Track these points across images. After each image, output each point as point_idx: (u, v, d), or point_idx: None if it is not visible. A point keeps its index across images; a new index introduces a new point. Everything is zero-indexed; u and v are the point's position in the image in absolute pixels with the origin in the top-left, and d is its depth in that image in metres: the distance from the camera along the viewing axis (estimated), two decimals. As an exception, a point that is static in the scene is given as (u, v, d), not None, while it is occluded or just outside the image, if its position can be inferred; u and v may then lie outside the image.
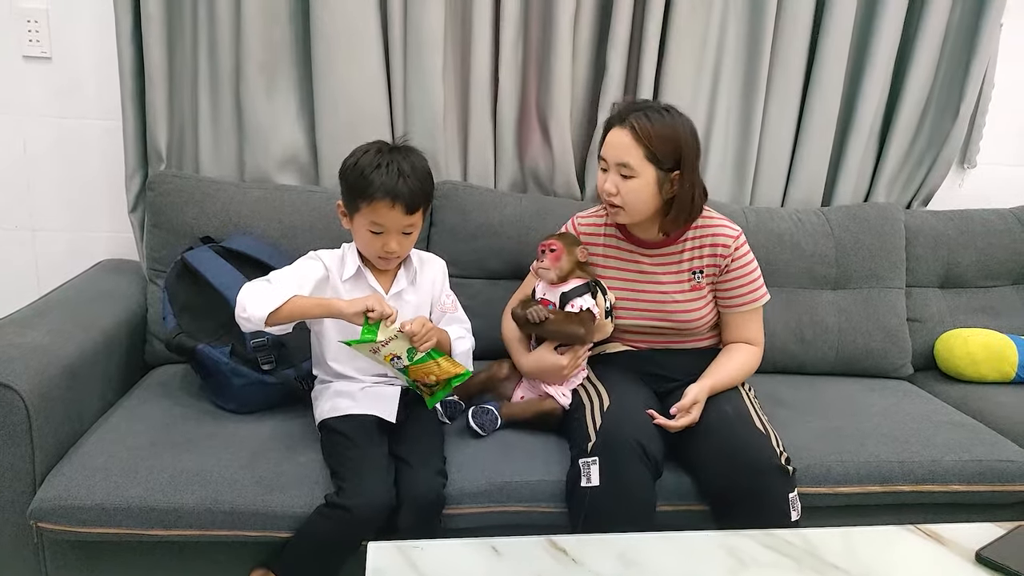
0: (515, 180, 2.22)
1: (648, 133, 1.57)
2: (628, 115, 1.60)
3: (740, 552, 1.14)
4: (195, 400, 1.73)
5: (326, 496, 1.43)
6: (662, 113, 1.61)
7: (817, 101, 2.22)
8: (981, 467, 1.73)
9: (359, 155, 1.54)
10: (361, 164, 1.52)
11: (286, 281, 1.50)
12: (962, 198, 2.50)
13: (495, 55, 2.09)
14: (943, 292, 2.30)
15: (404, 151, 1.57)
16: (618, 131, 1.61)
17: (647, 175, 1.60)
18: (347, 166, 1.56)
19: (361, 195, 1.51)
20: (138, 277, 2.03)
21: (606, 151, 1.64)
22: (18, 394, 1.40)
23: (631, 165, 1.59)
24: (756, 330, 1.76)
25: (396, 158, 1.53)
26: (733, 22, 2.18)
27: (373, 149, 1.55)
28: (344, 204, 1.58)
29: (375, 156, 1.52)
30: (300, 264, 1.58)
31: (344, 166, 1.57)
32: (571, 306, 1.65)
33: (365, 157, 1.53)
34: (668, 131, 1.59)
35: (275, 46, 2.01)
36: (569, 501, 1.52)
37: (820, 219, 2.19)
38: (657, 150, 1.58)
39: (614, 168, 1.62)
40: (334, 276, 1.58)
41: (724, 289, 1.71)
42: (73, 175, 2.13)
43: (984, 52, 2.25)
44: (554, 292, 1.69)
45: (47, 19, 2.01)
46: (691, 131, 1.63)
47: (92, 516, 1.40)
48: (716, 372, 1.69)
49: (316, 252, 1.61)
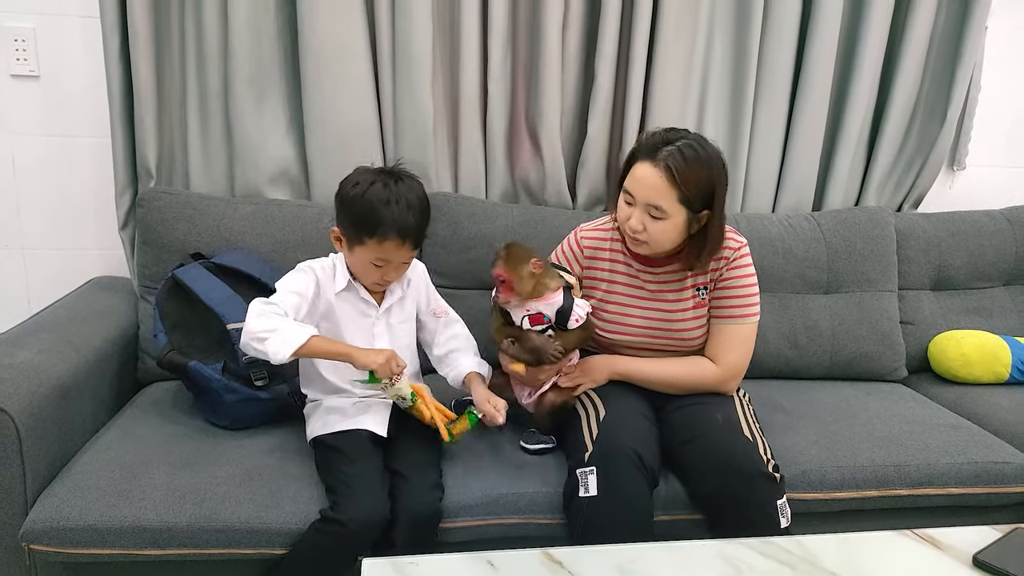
0: (506, 190, 2.22)
1: (685, 177, 1.49)
2: (660, 150, 1.51)
3: (737, 560, 1.14)
4: (188, 417, 1.72)
5: (321, 511, 1.42)
6: (696, 150, 1.51)
7: (805, 107, 2.23)
8: (977, 469, 1.73)
9: (364, 185, 1.48)
10: (370, 197, 1.46)
11: (291, 303, 1.47)
12: (952, 200, 2.51)
13: (484, 67, 2.09)
14: (935, 294, 2.30)
15: (407, 181, 1.52)
16: (649, 168, 1.51)
17: (678, 217, 1.54)
18: (351, 195, 1.49)
19: (370, 232, 1.47)
20: (129, 294, 2.02)
21: (634, 188, 1.55)
22: (8, 415, 1.39)
23: (663, 208, 1.52)
24: (727, 351, 1.66)
25: (403, 191, 1.48)
26: (720, 31, 2.19)
27: (379, 181, 1.48)
28: (343, 232, 1.53)
29: (383, 189, 1.47)
30: (295, 280, 1.53)
31: (347, 194, 1.50)
32: (575, 320, 1.62)
33: (373, 190, 1.47)
34: (704, 173, 1.51)
35: (263, 61, 2.01)
36: (567, 512, 1.52)
37: (811, 224, 2.20)
38: (692, 194, 1.51)
39: (642, 207, 1.54)
40: (325, 289, 1.57)
41: (715, 298, 1.68)
42: (63, 193, 2.13)
43: (970, 56, 2.26)
44: (537, 305, 1.61)
45: (34, 37, 2.01)
46: (723, 167, 1.55)
47: (85, 537, 1.39)
48: (646, 362, 1.69)
49: (308, 264, 1.58)
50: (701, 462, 1.55)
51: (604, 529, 1.43)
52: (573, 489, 1.49)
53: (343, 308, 1.58)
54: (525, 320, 1.61)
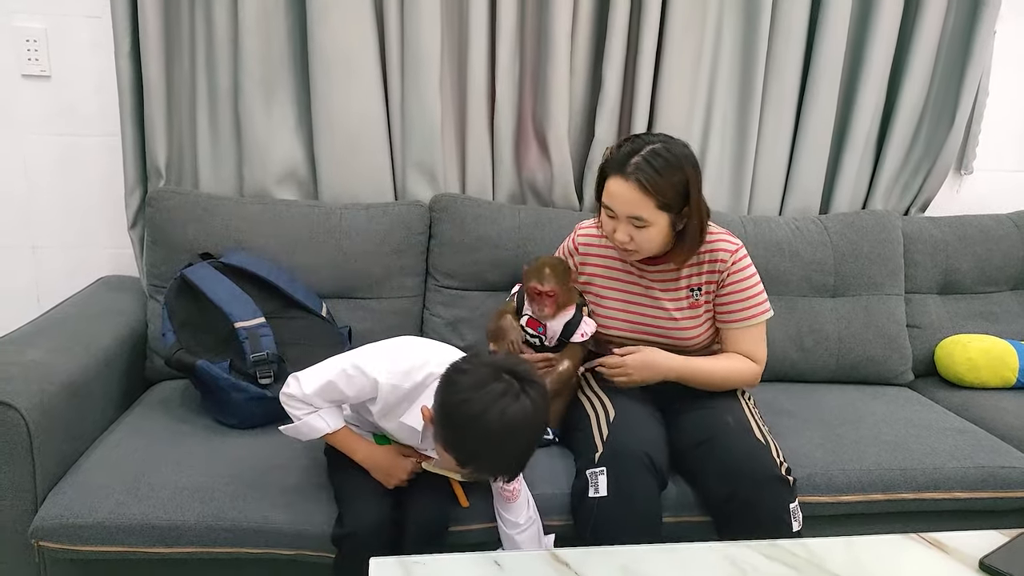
0: (513, 192, 2.23)
1: (656, 185, 1.49)
2: (627, 163, 1.51)
3: (743, 563, 1.14)
4: (196, 416, 1.73)
5: (332, 537, 1.41)
6: (663, 155, 1.51)
7: (813, 110, 2.23)
8: (983, 473, 1.73)
9: (480, 404, 1.19)
10: (484, 427, 1.20)
11: (325, 398, 1.39)
12: (960, 204, 2.51)
13: (491, 69, 2.10)
14: (942, 298, 2.30)
15: (532, 394, 1.22)
16: (621, 183, 1.52)
17: (661, 222, 1.54)
18: (461, 411, 1.21)
19: (464, 462, 1.26)
20: (138, 293, 2.04)
21: (612, 202, 1.55)
22: (19, 412, 1.39)
23: (644, 218, 1.53)
24: (755, 345, 1.69)
25: (522, 420, 1.20)
26: (728, 34, 2.19)
27: (502, 402, 1.19)
28: (443, 438, 1.27)
29: (498, 423, 1.19)
30: (365, 376, 1.35)
31: (454, 403, 1.22)
32: (580, 336, 1.64)
33: (488, 418, 1.19)
34: (675, 176, 1.51)
35: (273, 62, 2.02)
36: (576, 513, 1.52)
37: (818, 227, 2.20)
38: (668, 199, 1.51)
39: (624, 220, 1.55)
40: (380, 402, 1.39)
41: (721, 304, 1.68)
42: (73, 192, 2.14)
43: (979, 59, 2.26)
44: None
45: (46, 38, 2.02)
46: (693, 164, 1.55)
47: (94, 535, 1.40)
48: (697, 361, 1.67)
49: (389, 377, 1.35)
50: (713, 465, 1.54)
51: (614, 530, 1.43)
52: (582, 490, 1.49)
53: (382, 422, 1.45)
54: (524, 318, 1.66)
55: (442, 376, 1.27)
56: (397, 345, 1.45)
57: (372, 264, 2.00)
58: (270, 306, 1.80)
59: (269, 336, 1.70)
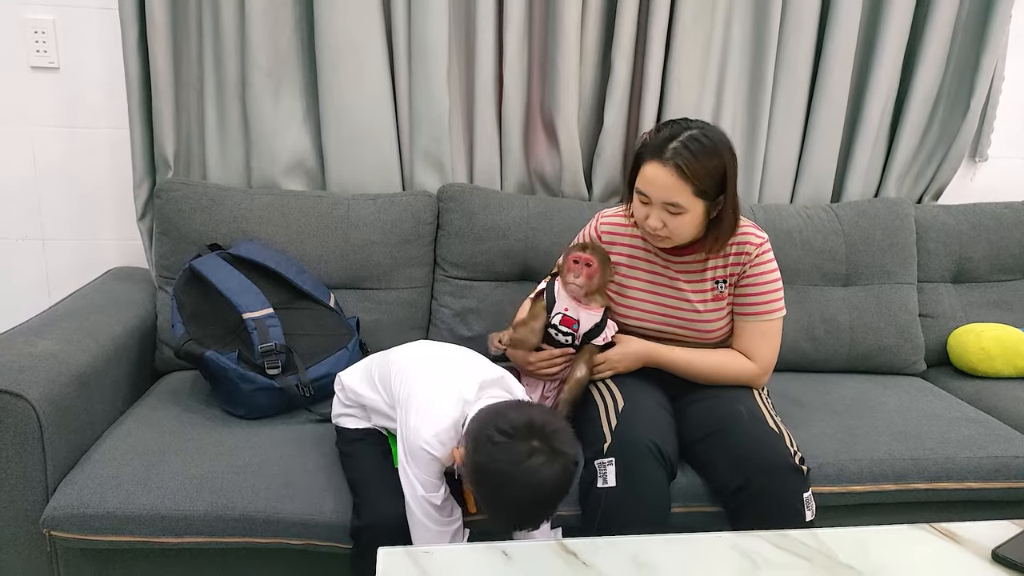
0: (521, 182, 2.22)
1: (695, 171, 1.48)
2: (666, 148, 1.49)
3: (753, 553, 1.13)
4: (205, 407, 1.74)
5: (349, 529, 1.41)
6: (702, 141, 1.49)
7: (824, 97, 2.21)
8: (996, 464, 1.72)
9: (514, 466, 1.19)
10: (523, 492, 1.20)
11: (435, 476, 1.36)
12: (973, 192, 2.48)
13: (499, 58, 2.09)
14: (955, 287, 2.28)
15: (562, 459, 1.22)
16: (659, 168, 1.50)
17: (696, 210, 1.53)
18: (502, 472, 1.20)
19: (496, 516, 1.27)
20: (147, 285, 2.04)
21: (647, 188, 1.53)
22: (29, 403, 1.40)
23: (680, 204, 1.51)
24: (759, 343, 1.66)
25: (555, 484, 1.22)
26: (738, 20, 2.16)
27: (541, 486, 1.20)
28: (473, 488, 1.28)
29: (536, 494, 1.21)
30: (429, 455, 1.33)
31: (494, 480, 1.21)
32: (603, 339, 1.63)
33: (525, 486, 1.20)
34: (714, 162, 1.49)
35: (280, 53, 2.02)
36: (583, 503, 1.51)
37: (830, 215, 2.18)
38: (705, 185, 1.50)
39: (659, 205, 1.53)
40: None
41: (738, 295, 1.66)
42: (81, 184, 2.14)
43: (994, 45, 2.22)
44: (576, 310, 1.63)
45: (54, 29, 2.02)
46: (731, 151, 1.53)
47: (104, 524, 1.41)
48: (684, 352, 1.67)
49: (442, 448, 1.33)
50: (726, 454, 1.53)
51: (622, 520, 1.43)
52: (590, 480, 1.49)
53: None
54: (558, 317, 1.63)
55: (477, 435, 1.24)
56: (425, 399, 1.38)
57: (380, 254, 1.99)
58: (278, 297, 1.80)
59: (277, 327, 1.71)
